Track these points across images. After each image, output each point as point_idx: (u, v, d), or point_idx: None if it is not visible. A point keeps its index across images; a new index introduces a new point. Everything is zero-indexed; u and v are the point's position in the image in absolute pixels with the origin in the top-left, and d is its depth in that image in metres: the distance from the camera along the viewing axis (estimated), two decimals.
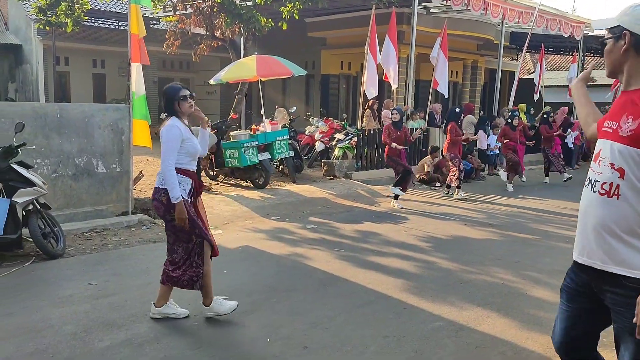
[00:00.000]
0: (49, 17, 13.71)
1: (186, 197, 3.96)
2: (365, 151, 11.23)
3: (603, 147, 2.17)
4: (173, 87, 4.03)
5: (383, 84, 12.69)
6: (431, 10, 14.84)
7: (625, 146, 2.04)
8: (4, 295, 4.52)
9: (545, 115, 12.46)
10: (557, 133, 12.18)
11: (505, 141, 10.99)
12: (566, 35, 16.71)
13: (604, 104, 12.69)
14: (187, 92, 4.01)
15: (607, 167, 2.11)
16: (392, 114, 8.94)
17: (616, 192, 2.08)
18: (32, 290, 4.67)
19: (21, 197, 5.37)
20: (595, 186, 2.16)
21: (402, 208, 8.66)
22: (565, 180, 11.68)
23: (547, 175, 12.26)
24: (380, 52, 11.18)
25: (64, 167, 6.94)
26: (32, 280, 4.95)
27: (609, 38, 2.16)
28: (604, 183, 2.11)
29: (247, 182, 9.85)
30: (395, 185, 8.83)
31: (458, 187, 9.80)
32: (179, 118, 3.98)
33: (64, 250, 5.71)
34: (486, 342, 3.87)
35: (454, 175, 9.80)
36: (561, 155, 12.36)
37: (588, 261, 2.20)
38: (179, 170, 3.91)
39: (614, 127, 2.11)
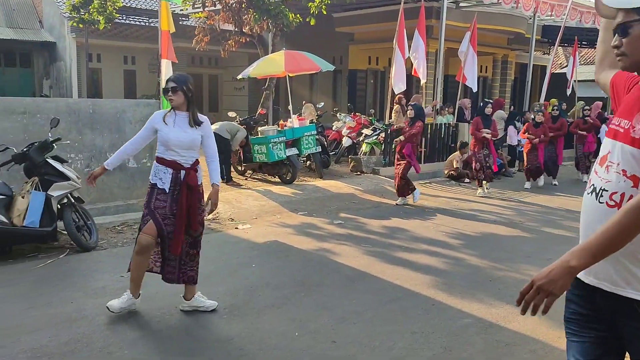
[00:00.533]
0: (82, 14, 14.01)
1: (164, 187, 4.04)
2: (393, 147, 11.16)
3: (612, 150, 1.83)
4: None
5: (411, 78, 12.59)
6: (461, 4, 14.64)
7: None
8: (41, 286, 4.65)
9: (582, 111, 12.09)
10: (582, 132, 11.56)
11: (528, 138, 10.55)
12: (587, 25, 16.28)
13: None
14: (167, 86, 4.07)
15: (617, 174, 1.78)
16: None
17: None
18: (67, 282, 4.80)
19: (56, 191, 5.51)
20: (602, 196, 1.82)
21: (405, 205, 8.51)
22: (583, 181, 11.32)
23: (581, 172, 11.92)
24: (408, 47, 11.09)
25: (96, 162, 7.07)
26: (67, 272, 5.08)
27: (636, 21, 1.73)
28: (614, 193, 1.78)
29: (274, 177, 9.91)
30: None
31: (479, 184, 9.64)
32: (173, 108, 4.09)
33: (97, 243, 5.84)
34: (516, 340, 3.82)
35: (475, 172, 9.68)
36: (589, 157, 11.56)
37: (595, 281, 1.89)
38: (157, 159, 4.08)
39: (626, 127, 1.78)
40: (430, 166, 11.51)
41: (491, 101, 10.00)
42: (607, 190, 1.80)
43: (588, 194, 1.88)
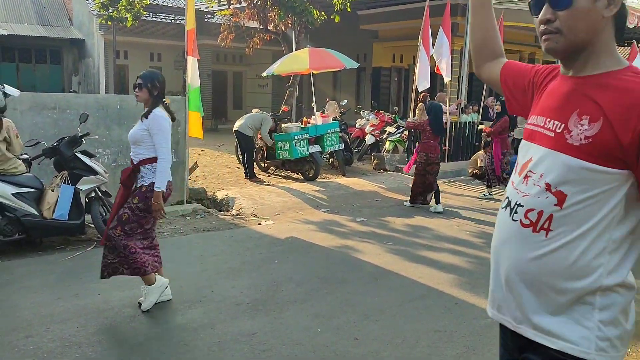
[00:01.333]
0: (110, 12, 14.21)
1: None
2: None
3: (535, 157, 1.48)
4: None
5: (435, 76, 12.49)
6: None
7: (577, 160, 1.37)
8: (70, 278, 4.75)
9: None
10: None
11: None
12: (631, 26, 15.93)
13: None
14: (135, 82, 4.15)
15: (538, 187, 1.44)
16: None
17: (546, 226, 1.43)
18: (94, 274, 4.87)
19: (84, 185, 5.63)
20: (516, 212, 1.49)
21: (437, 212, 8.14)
22: None
23: None
24: (433, 45, 11.00)
25: (123, 157, 7.19)
26: (94, 264, 5.16)
27: None
28: (530, 210, 1.46)
29: (297, 174, 9.94)
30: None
31: (487, 185, 9.28)
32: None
33: None
34: None
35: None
36: None
37: (498, 315, 1.58)
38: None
39: (558, 130, 1.43)
40: (454, 165, 11.42)
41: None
42: (522, 206, 1.48)
43: (502, 208, 1.56)
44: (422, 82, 10.99)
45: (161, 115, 3.98)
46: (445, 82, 12.15)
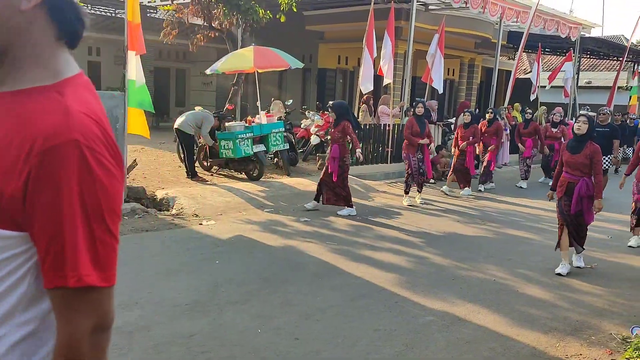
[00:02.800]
0: None
1: None
2: (361, 146, 11.21)
3: None
4: None
5: (380, 79, 12.67)
6: (430, 7, 14.81)
7: None
8: None
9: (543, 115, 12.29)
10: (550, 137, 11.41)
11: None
12: (563, 36, 16.74)
13: (599, 106, 12.71)
14: None
15: None
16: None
17: None
18: None
19: None
20: None
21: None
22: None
23: (545, 176, 12.01)
24: (377, 47, 11.16)
25: None
26: None
27: None
28: None
29: (241, 173, 9.82)
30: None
31: (406, 191, 8.96)
32: None
33: None
34: (477, 338, 3.88)
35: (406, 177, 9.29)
36: (526, 161, 11.32)
37: None
38: None
39: None
40: (396, 166, 11.60)
41: (423, 100, 9.55)
42: None
43: None
44: (365, 84, 11.12)
45: None
46: (386, 85, 12.34)
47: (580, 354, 3.71)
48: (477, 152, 10.44)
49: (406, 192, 8.85)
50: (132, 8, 7.09)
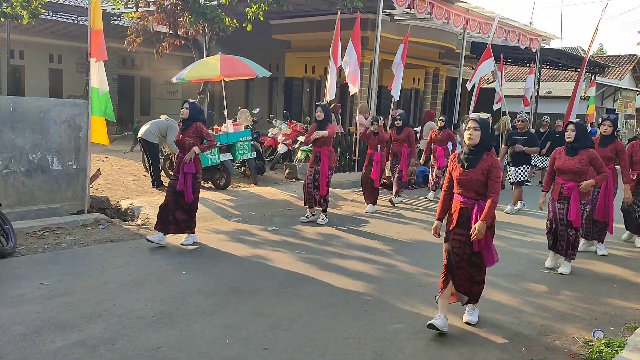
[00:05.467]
0: (4, 8, 13.20)
1: None
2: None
3: None
4: None
5: (347, 88, 12.75)
6: (395, 17, 15.03)
7: None
8: None
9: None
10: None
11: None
12: (523, 47, 17.20)
13: (558, 115, 13.04)
14: None
15: None
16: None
17: None
18: None
19: None
20: None
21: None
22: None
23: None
24: (342, 56, 11.19)
25: (16, 163, 6.69)
26: None
27: None
28: None
29: (207, 182, 9.70)
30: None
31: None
32: None
33: (14, 248, 5.50)
34: (445, 344, 3.92)
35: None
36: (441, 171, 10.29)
37: None
38: None
39: None
40: None
41: (321, 104, 8.42)
42: None
43: None
44: (332, 92, 11.18)
45: None
46: (351, 94, 12.41)
47: (545, 358, 3.79)
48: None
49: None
50: (94, 14, 6.97)
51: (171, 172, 10.04)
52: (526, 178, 9.78)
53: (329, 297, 4.75)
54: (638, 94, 29.28)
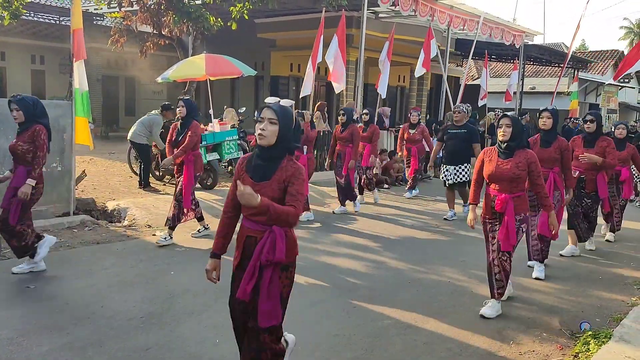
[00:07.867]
0: None
1: None
2: (315, 153, 11.25)
3: None
4: None
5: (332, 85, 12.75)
6: (380, 15, 15.05)
7: None
8: None
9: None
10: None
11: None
12: (507, 44, 17.33)
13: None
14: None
15: None
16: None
17: None
18: None
19: None
20: None
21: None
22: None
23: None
24: (323, 54, 11.12)
25: (0, 166, 6.60)
26: None
27: None
28: None
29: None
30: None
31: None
32: None
33: (0, 252, 5.43)
34: (433, 339, 3.95)
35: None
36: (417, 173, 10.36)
37: None
38: None
39: None
40: None
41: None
42: None
43: None
44: (307, 89, 11.20)
45: None
46: (337, 92, 12.41)
47: (533, 351, 3.83)
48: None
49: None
50: (75, 13, 6.90)
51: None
52: (468, 179, 8.06)
53: (318, 294, 4.76)
54: (620, 89, 29.66)
